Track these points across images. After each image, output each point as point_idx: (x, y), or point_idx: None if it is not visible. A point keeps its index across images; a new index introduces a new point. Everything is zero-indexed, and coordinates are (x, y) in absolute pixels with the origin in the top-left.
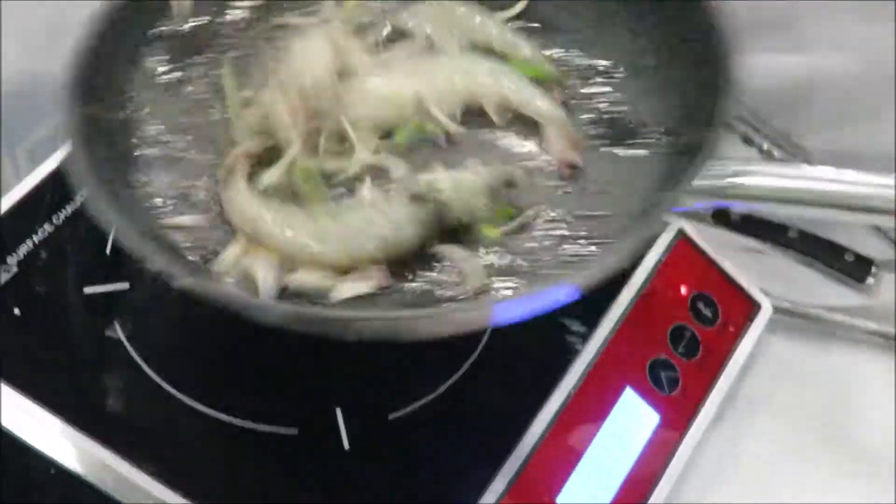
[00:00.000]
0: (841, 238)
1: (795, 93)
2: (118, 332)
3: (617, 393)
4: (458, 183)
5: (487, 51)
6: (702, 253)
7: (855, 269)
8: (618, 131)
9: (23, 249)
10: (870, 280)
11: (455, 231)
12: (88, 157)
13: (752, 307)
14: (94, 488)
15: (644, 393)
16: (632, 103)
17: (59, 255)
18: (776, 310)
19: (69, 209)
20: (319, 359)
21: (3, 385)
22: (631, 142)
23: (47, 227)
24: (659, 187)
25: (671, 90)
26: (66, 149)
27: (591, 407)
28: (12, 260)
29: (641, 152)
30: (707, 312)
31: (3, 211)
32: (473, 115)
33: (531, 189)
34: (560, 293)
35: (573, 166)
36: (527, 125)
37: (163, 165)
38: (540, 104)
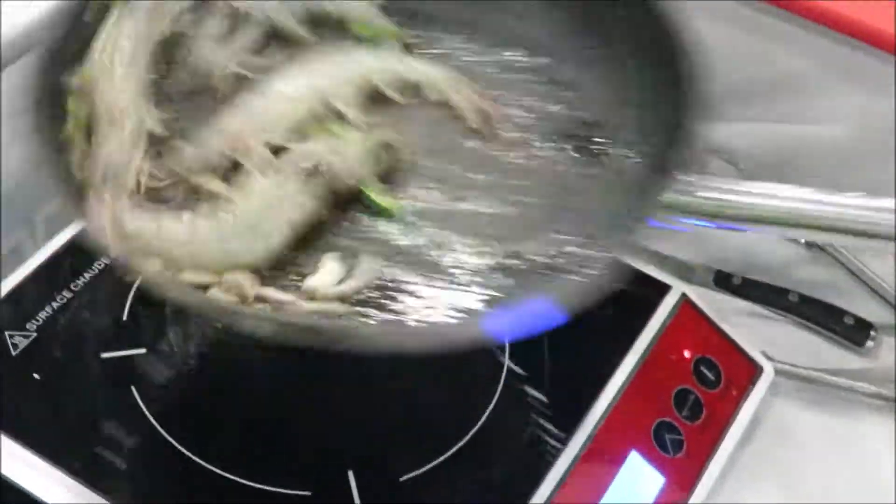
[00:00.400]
0: (841, 302)
1: (794, 160)
2: (135, 395)
3: (623, 456)
4: (338, 150)
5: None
6: (704, 317)
7: (854, 332)
8: (585, 145)
9: (42, 315)
10: (869, 343)
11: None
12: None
13: (755, 370)
14: None
15: (649, 456)
16: (602, 118)
17: (77, 321)
18: (778, 372)
19: (87, 276)
20: (331, 421)
21: (23, 449)
22: (600, 154)
23: (66, 294)
24: (631, 202)
25: (642, 109)
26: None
27: (597, 470)
28: (31, 326)
29: (612, 166)
30: (710, 375)
31: (22, 278)
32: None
33: None
34: (543, 310)
35: (488, 115)
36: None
37: None
38: (430, 70)
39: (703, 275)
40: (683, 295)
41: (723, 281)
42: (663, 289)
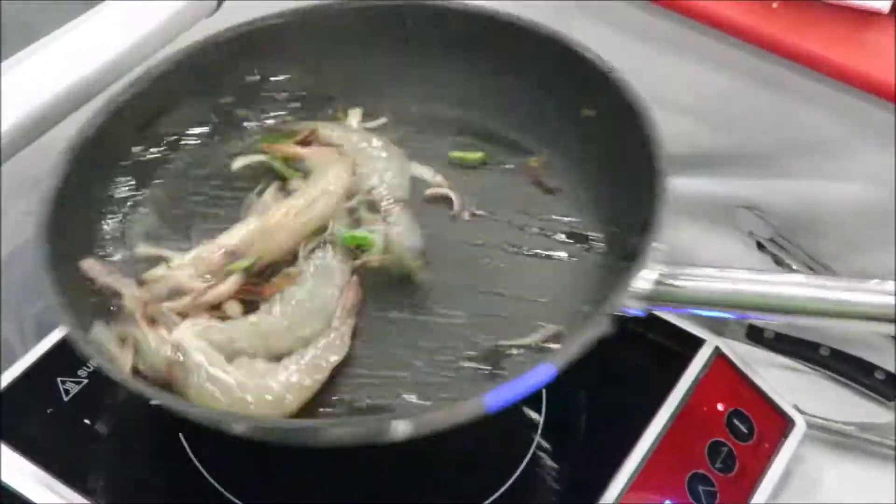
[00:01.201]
0: (872, 356)
1: (827, 216)
2: (183, 442)
3: None
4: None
5: None
6: (737, 370)
7: (885, 386)
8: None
9: None
10: None
11: None
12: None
13: (787, 423)
14: None
15: None
16: (573, 210)
17: None
18: (809, 426)
19: None
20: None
21: (73, 492)
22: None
23: None
24: (599, 290)
25: (609, 199)
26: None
27: None
28: (83, 372)
29: (581, 256)
30: (743, 428)
31: None
32: None
33: None
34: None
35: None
36: None
37: None
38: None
39: (735, 328)
40: (717, 348)
41: (755, 334)
42: (697, 342)
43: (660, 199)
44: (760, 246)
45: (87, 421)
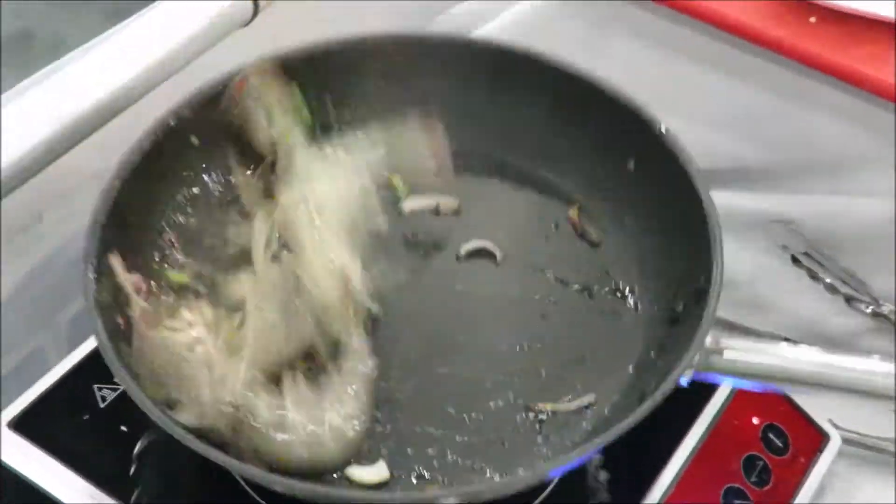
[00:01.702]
0: None
1: (861, 231)
2: None
3: None
4: None
5: None
6: None
7: None
8: (604, 297)
9: None
10: None
11: None
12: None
13: (822, 438)
14: None
15: None
16: (619, 270)
17: None
18: (845, 441)
19: None
20: None
21: (110, 498)
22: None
23: None
24: (645, 355)
25: (655, 257)
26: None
27: None
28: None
29: (621, 314)
30: (778, 443)
31: None
32: None
33: None
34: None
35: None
36: None
37: None
38: None
39: None
40: None
41: None
42: None
43: (717, 268)
44: (795, 260)
45: (123, 428)
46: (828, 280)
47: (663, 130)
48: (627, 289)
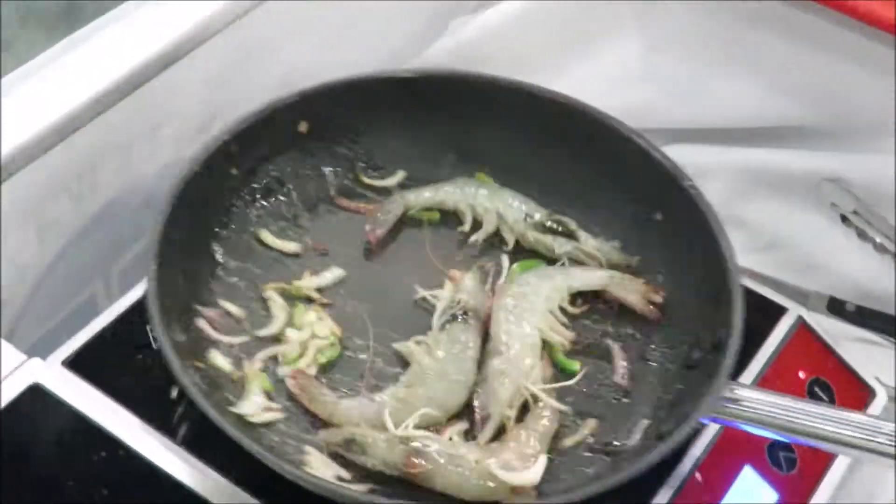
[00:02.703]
0: None
1: None
2: None
3: (737, 470)
4: None
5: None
6: (820, 340)
7: None
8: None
9: None
10: None
11: None
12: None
13: (868, 393)
14: None
15: (763, 472)
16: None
17: None
18: (891, 398)
19: None
20: None
21: (163, 436)
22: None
23: None
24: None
25: (673, 304)
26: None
27: (711, 483)
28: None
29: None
30: (824, 396)
31: None
32: None
33: None
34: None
35: (657, 304)
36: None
37: None
38: (598, 273)
39: (816, 301)
40: (800, 317)
41: (836, 307)
42: (780, 311)
43: (736, 318)
44: (844, 219)
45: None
46: (878, 239)
47: (689, 185)
48: (642, 332)
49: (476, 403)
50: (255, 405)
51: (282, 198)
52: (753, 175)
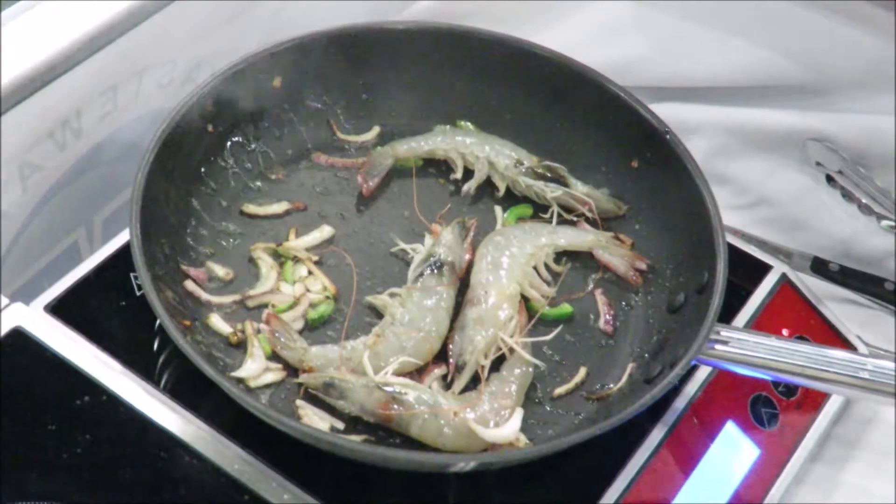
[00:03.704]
0: None
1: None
2: None
3: (719, 426)
4: None
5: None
6: (804, 298)
7: None
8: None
9: None
10: None
11: None
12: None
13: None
14: None
15: (745, 427)
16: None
17: None
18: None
19: None
20: None
21: (144, 381)
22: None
23: None
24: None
25: (653, 249)
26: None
27: (694, 438)
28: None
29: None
30: None
31: None
32: None
33: None
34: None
35: (640, 270)
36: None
37: None
38: (585, 236)
39: (800, 260)
40: (783, 275)
41: (820, 267)
42: (764, 268)
43: (720, 259)
44: (830, 179)
45: None
46: (863, 200)
47: (664, 131)
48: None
49: (451, 351)
50: (253, 369)
51: (259, 155)
52: (739, 133)
